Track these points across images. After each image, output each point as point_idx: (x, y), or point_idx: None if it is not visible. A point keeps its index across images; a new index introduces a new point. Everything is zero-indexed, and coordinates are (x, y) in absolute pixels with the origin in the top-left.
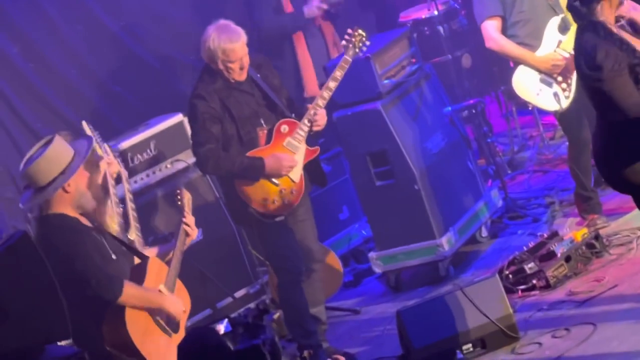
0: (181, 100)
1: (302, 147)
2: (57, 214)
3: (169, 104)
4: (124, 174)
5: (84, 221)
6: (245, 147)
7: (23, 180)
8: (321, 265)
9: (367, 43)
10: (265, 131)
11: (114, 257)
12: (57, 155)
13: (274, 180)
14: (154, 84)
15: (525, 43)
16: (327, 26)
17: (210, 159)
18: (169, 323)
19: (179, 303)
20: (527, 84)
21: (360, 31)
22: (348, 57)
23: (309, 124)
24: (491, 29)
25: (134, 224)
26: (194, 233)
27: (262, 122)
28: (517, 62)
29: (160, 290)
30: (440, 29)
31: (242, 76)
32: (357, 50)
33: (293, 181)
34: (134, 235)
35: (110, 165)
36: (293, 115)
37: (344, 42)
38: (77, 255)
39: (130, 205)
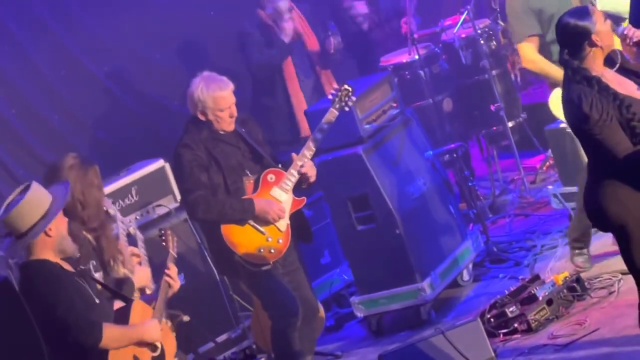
0: (163, 146)
1: (289, 197)
2: (39, 260)
3: (151, 149)
4: (137, 234)
5: (66, 266)
6: (232, 197)
7: (4, 228)
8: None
9: (353, 98)
10: (252, 181)
11: (97, 301)
12: (36, 200)
13: (260, 228)
14: (137, 130)
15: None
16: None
17: (200, 205)
18: None
19: (155, 327)
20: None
21: (346, 86)
22: (335, 110)
23: (296, 174)
24: (529, 50)
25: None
26: (176, 285)
27: (248, 173)
28: (555, 83)
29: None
30: (421, 73)
31: (231, 126)
32: (342, 104)
33: (280, 230)
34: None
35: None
36: (279, 165)
37: (330, 96)
38: (58, 302)
39: (143, 252)
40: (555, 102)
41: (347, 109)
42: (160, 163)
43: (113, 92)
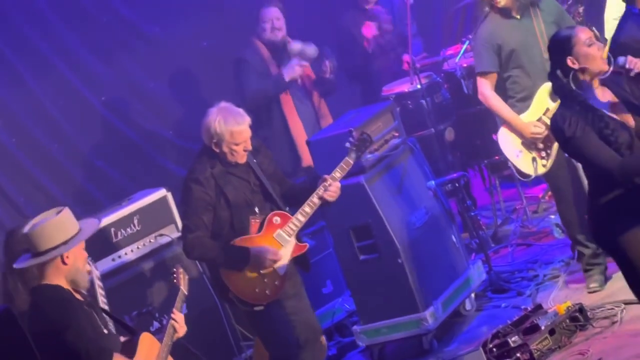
0: (164, 175)
1: (292, 242)
2: (51, 285)
3: (151, 178)
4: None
5: (77, 295)
6: (237, 234)
7: (24, 244)
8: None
9: (371, 147)
10: (258, 220)
11: (105, 331)
12: (63, 225)
13: (260, 270)
14: (136, 159)
15: (516, 100)
16: (316, 96)
17: (197, 247)
18: None
19: None
20: (510, 143)
21: (366, 135)
22: (350, 160)
23: (302, 219)
24: (484, 84)
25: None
26: (182, 330)
27: (257, 210)
28: (503, 120)
29: None
30: (424, 102)
31: (244, 159)
32: (359, 153)
33: (279, 273)
34: None
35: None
36: (287, 208)
37: (347, 144)
38: (68, 327)
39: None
40: (503, 138)
41: (363, 160)
42: (162, 192)
43: (111, 121)
